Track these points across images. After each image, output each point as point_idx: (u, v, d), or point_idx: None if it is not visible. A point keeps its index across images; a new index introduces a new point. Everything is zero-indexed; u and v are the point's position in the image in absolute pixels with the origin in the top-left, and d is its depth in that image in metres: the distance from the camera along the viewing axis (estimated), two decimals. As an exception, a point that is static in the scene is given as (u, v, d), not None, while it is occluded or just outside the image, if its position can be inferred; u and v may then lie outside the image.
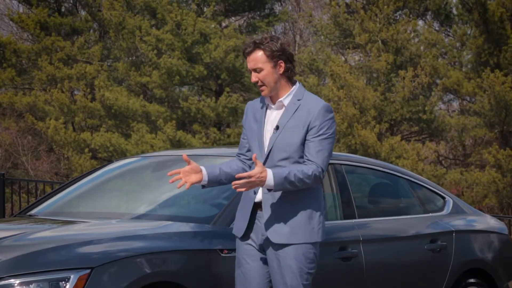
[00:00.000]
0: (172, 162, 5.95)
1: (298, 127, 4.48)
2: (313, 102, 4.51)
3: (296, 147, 4.48)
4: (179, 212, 5.28)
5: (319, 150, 4.46)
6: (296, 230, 4.49)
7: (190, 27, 21.31)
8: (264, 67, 4.48)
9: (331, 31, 22.44)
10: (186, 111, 21.66)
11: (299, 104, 4.52)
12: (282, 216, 4.50)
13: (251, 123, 4.62)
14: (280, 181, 4.39)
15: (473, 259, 6.23)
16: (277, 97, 4.55)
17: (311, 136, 4.47)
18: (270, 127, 4.54)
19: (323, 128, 4.46)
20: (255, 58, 4.47)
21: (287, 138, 4.48)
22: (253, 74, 4.50)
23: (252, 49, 4.49)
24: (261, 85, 4.50)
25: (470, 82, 20.58)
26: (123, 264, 4.46)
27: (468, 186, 19.32)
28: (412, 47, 20.81)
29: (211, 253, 4.79)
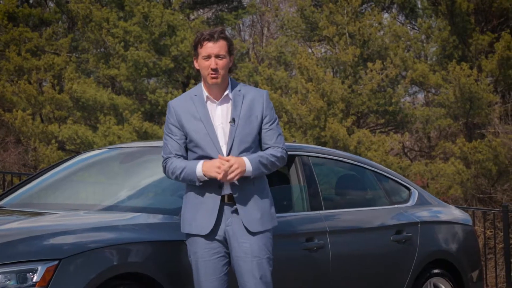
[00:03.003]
0: (140, 153, 5.95)
1: (252, 116, 4.61)
2: (254, 91, 4.69)
3: (254, 136, 4.62)
4: (147, 204, 5.29)
5: (278, 134, 4.67)
6: (266, 217, 4.66)
7: (157, 19, 21.25)
8: (226, 56, 4.60)
9: (298, 24, 22.49)
10: (154, 103, 21.62)
11: (242, 94, 4.64)
12: (253, 205, 4.62)
13: (192, 122, 4.60)
14: (256, 166, 4.55)
15: (437, 250, 6.29)
16: (221, 91, 4.62)
17: (267, 124, 4.65)
18: (220, 122, 4.60)
19: (274, 114, 4.68)
20: (222, 45, 4.58)
21: (244, 129, 4.59)
22: (214, 60, 4.56)
23: (218, 36, 4.59)
24: (217, 73, 4.56)
25: (435, 75, 20.73)
26: (91, 255, 4.47)
27: (433, 178, 19.48)
28: (378, 40, 20.92)
29: (179, 245, 4.80)
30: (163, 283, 4.70)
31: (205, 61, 4.59)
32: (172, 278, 4.75)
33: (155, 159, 5.79)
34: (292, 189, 5.65)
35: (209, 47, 4.57)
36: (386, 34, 21.44)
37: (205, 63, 4.59)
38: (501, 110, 21.31)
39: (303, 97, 20.19)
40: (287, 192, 5.67)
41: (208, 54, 4.58)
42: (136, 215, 4.99)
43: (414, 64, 20.90)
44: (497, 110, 21.15)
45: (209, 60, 4.58)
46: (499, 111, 21.23)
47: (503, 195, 19.62)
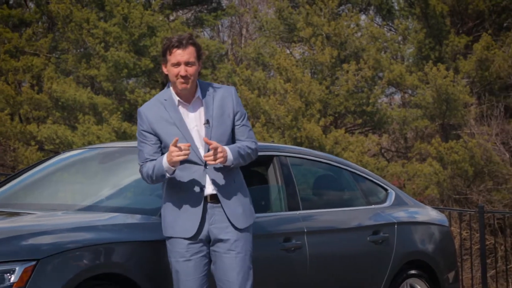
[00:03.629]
0: (119, 153, 5.96)
1: (224, 115, 4.67)
2: (222, 89, 4.75)
3: (228, 134, 4.69)
4: (125, 204, 5.28)
5: (249, 129, 4.75)
6: (248, 213, 4.74)
7: (137, 20, 21.22)
8: (195, 63, 4.62)
9: (276, 25, 22.54)
10: (133, 103, 21.58)
11: (211, 94, 4.68)
12: (237, 202, 4.69)
13: (166, 127, 4.61)
14: (236, 155, 4.61)
15: (414, 251, 6.32)
16: (191, 93, 4.64)
17: (239, 120, 4.72)
18: (194, 125, 4.63)
19: (243, 110, 4.76)
20: (190, 52, 4.59)
21: (219, 128, 4.64)
22: (183, 67, 4.57)
23: (187, 43, 4.58)
24: (186, 80, 4.57)
25: (412, 76, 20.85)
26: (69, 255, 4.46)
27: (410, 178, 19.58)
28: (355, 41, 21.00)
29: (158, 245, 4.80)
30: (142, 284, 4.70)
31: (174, 68, 4.60)
32: (150, 279, 4.75)
33: (134, 159, 5.80)
34: (270, 189, 5.66)
35: (178, 55, 4.57)
36: (364, 35, 21.53)
37: (174, 70, 4.60)
38: (477, 111, 21.45)
39: (281, 97, 20.24)
40: (265, 192, 5.68)
41: (177, 61, 4.58)
42: (115, 215, 4.99)
43: (391, 65, 21.00)
44: (473, 111, 21.29)
45: (178, 68, 4.59)
46: (475, 112, 21.37)
47: (479, 196, 19.75)
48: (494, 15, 22.14)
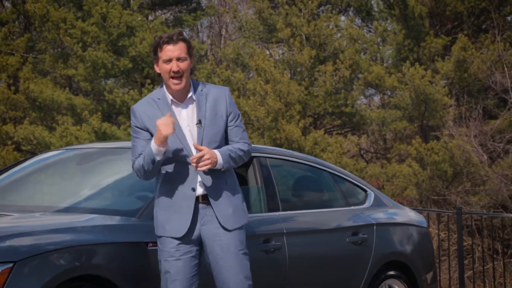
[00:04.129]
0: (98, 154, 5.93)
1: (217, 115, 4.64)
2: (216, 89, 4.72)
3: (222, 135, 4.66)
4: (104, 205, 5.26)
5: (243, 130, 4.73)
6: (239, 213, 4.71)
7: (116, 20, 21.14)
8: (186, 58, 4.58)
9: (256, 26, 22.54)
10: (111, 103, 21.51)
11: (204, 94, 4.64)
12: (227, 203, 4.67)
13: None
14: (226, 159, 4.59)
15: (393, 252, 6.34)
16: (184, 92, 4.60)
17: (232, 122, 4.69)
18: (186, 124, 4.60)
19: (237, 110, 4.74)
20: (181, 47, 4.55)
21: (211, 129, 4.62)
22: (175, 63, 4.53)
23: (177, 38, 4.56)
24: (179, 76, 4.54)
25: (391, 77, 20.92)
26: (47, 257, 4.43)
27: (389, 179, 19.64)
28: (334, 42, 21.05)
29: (137, 246, 4.79)
30: (121, 286, 4.68)
31: (166, 64, 4.57)
32: (130, 281, 4.73)
33: (113, 160, 5.77)
34: (249, 190, 5.66)
35: (169, 50, 4.54)
36: (343, 36, 21.58)
37: (166, 67, 4.57)
38: (455, 113, 21.56)
39: (261, 98, 20.24)
40: (244, 194, 5.65)
41: (169, 57, 4.55)
42: (94, 216, 4.97)
43: (370, 67, 21.07)
44: (452, 113, 21.40)
45: (170, 64, 4.56)
46: (453, 114, 21.48)
47: (457, 197, 19.85)
48: (472, 17, 22.27)
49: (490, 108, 22.12)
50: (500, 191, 19.61)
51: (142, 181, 5.47)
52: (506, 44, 21.55)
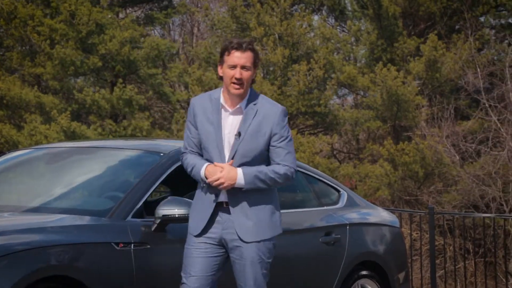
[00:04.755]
0: (67, 153, 5.86)
1: (260, 133, 4.66)
2: (270, 107, 4.71)
3: (258, 152, 4.68)
4: (74, 205, 5.21)
5: (287, 152, 4.70)
6: (263, 227, 4.73)
7: (85, 17, 20.98)
8: (251, 68, 4.66)
9: (228, 25, 22.48)
10: (81, 102, 21.34)
11: (256, 109, 4.68)
12: (249, 216, 4.70)
13: (204, 124, 4.69)
14: (250, 180, 4.63)
15: (366, 252, 6.33)
16: (237, 101, 4.68)
17: (276, 142, 4.69)
18: (229, 132, 4.68)
19: (285, 132, 4.69)
20: (248, 56, 4.63)
21: (249, 144, 4.66)
22: (239, 70, 4.61)
23: (247, 47, 4.64)
24: (240, 83, 4.62)
25: (364, 77, 20.96)
26: (16, 257, 4.37)
27: (361, 179, 19.69)
28: (307, 41, 21.05)
29: (107, 247, 4.75)
30: (91, 286, 4.63)
31: (230, 70, 4.64)
32: (100, 281, 4.69)
33: (83, 159, 5.70)
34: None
35: (236, 57, 4.63)
36: (316, 36, 21.59)
37: (230, 72, 4.64)
38: (428, 113, 21.66)
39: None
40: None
41: (234, 63, 4.63)
42: (64, 216, 4.93)
43: (343, 67, 21.09)
44: (424, 113, 21.49)
45: (234, 70, 4.63)
46: (425, 114, 21.58)
47: (429, 197, 19.95)
48: (445, 17, 22.39)
49: (462, 108, 22.25)
50: (472, 191, 19.74)
51: (112, 181, 5.39)
52: (479, 44, 21.69)
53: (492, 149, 20.88)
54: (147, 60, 21.99)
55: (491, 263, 15.55)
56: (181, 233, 5.07)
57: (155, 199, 5.68)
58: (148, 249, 4.92)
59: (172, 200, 5.00)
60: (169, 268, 4.99)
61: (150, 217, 5.01)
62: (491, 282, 12.91)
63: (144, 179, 5.18)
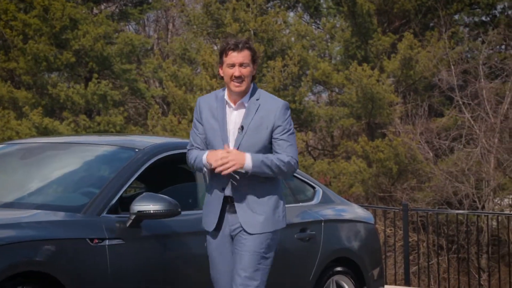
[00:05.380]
0: (41, 149, 5.81)
1: (262, 127, 4.87)
2: (272, 101, 4.93)
3: (261, 146, 4.88)
4: (48, 201, 5.17)
5: (290, 144, 4.90)
6: (267, 220, 4.90)
7: (58, 12, 20.85)
8: (249, 65, 4.90)
9: (204, 21, 22.43)
10: (55, 97, 21.21)
11: (258, 104, 4.91)
12: (253, 209, 4.87)
13: (210, 120, 4.91)
14: (257, 164, 4.80)
15: (340, 248, 6.33)
16: (239, 97, 4.90)
17: (278, 135, 4.89)
18: (233, 127, 4.89)
19: (287, 125, 4.90)
20: (245, 55, 4.87)
21: (252, 138, 4.86)
22: (238, 68, 4.85)
23: (243, 46, 4.89)
24: (241, 80, 4.86)
25: (338, 74, 21.00)
26: (-11, 253, 4.33)
27: (336, 176, 19.74)
28: (282, 38, 21.06)
29: (81, 243, 4.73)
30: (65, 282, 4.61)
31: (229, 69, 4.88)
32: (74, 277, 4.66)
33: (57, 155, 5.66)
34: (197, 186, 5.62)
35: (233, 57, 4.86)
36: (291, 32, 21.60)
37: (229, 71, 4.88)
38: (402, 110, 21.75)
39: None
40: (192, 190, 5.65)
41: (232, 62, 4.87)
42: (38, 212, 4.90)
43: (318, 63, 21.12)
44: (398, 110, 21.58)
45: (233, 69, 4.87)
46: (400, 111, 21.67)
47: (402, 193, 20.04)
48: (419, 15, 22.49)
49: (436, 106, 22.38)
50: (445, 188, 19.86)
51: (87, 177, 5.35)
52: (452, 42, 21.80)
53: (465, 146, 21.02)
54: (121, 56, 21.91)
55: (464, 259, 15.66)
56: (156, 229, 5.06)
57: (130, 195, 5.65)
58: (122, 245, 4.90)
59: (147, 196, 4.99)
60: (143, 264, 4.98)
61: (125, 213, 4.99)
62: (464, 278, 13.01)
63: (119, 175, 5.16)
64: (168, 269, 5.09)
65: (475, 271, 16.71)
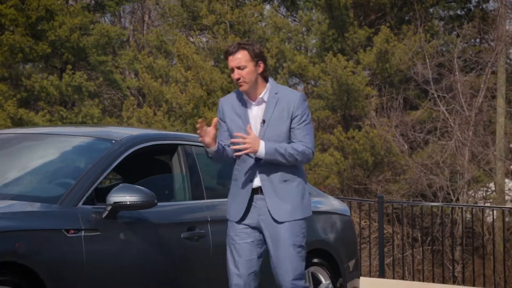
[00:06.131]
0: (17, 140, 5.79)
1: (282, 118, 5.08)
2: (290, 94, 5.15)
3: (283, 136, 5.09)
4: (24, 192, 5.14)
5: (305, 134, 5.10)
6: (295, 208, 5.10)
7: (34, 3, 20.71)
8: (247, 65, 5.07)
9: (179, 13, 22.37)
10: (29, 89, 21.08)
11: (277, 97, 5.12)
12: (281, 198, 5.06)
13: (234, 118, 5.13)
14: (271, 151, 5.00)
15: (316, 240, 6.34)
16: (256, 93, 5.11)
17: (296, 124, 5.09)
18: (255, 121, 5.11)
19: (304, 115, 5.10)
20: (239, 57, 5.07)
21: (274, 129, 5.07)
22: (236, 71, 5.07)
23: (236, 49, 5.08)
24: (242, 82, 5.07)
25: (315, 67, 21.03)
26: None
27: (311, 168, 19.79)
28: (259, 30, 21.05)
29: (57, 234, 4.71)
30: (42, 273, 4.59)
31: (232, 73, 5.15)
32: (50, 267, 4.65)
33: (33, 145, 5.63)
34: (174, 178, 5.62)
35: (230, 61, 5.11)
36: (268, 25, 21.60)
37: (232, 75, 5.14)
38: (377, 103, 21.83)
39: (183, 86, 20.12)
40: (169, 181, 5.64)
41: (231, 67, 5.12)
42: (13, 203, 4.87)
43: (294, 56, 21.14)
44: (374, 103, 21.66)
45: (233, 73, 5.11)
46: (375, 104, 21.74)
47: (377, 186, 20.12)
48: (395, 8, 22.56)
49: (411, 98, 22.48)
50: (420, 180, 19.97)
51: (63, 167, 5.34)
52: (428, 35, 21.90)
53: (440, 138, 21.15)
54: (97, 47, 21.81)
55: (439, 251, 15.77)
56: (132, 220, 5.06)
57: (106, 186, 5.64)
58: (98, 236, 4.89)
59: (124, 188, 4.98)
60: (119, 255, 4.98)
61: (101, 204, 4.98)
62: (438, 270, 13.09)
63: (95, 166, 5.14)
64: (144, 260, 5.09)
65: (449, 263, 16.84)
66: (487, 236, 17.67)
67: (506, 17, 22.25)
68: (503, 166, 21.20)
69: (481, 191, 22.26)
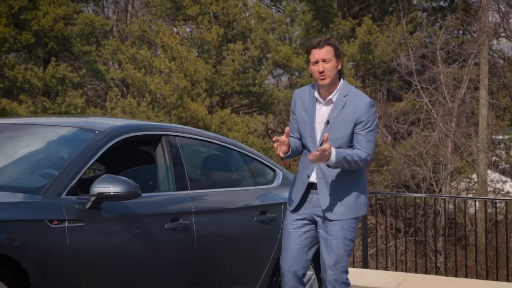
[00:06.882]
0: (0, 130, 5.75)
1: (346, 121, 5.22)
2: (359, 98, 5.28)
3: (345, 139, 5.24)
4: (7, 182, 5.11)
5: (368, 140, 5.26)
6: (348, 208, 5.28)
7: (17, -8, 20.57)
8: (331, 60, 5.23)
9: (163, 3, 22.30)
10: (12, 79, 20.97)
11: (345, 100, 5.26)
12: (335, 196, 5.25)
13: (302, 113, 5.33)
14: (340, 159, 5.15)
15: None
16: (330, 90, 5.26)
17: (359, 130, 5.24)
18: (321, 120, 5.27)
19: (369, 122, 5.25)
20: (327, 51, 5.23)
21: (336, 131, 5.22)
22: (321, 64, 5.21)
23: (324, 44, 5.24)
24: (325, 75, 5.21)
25: (299, 58, 21.03)
26: None
27: (295, 159, 19.82)
28: (243, 21, 21.02)
29: (40, 224, 4.69)
30: (24, 263, 4.58)
31: (314, 66, 5.26)
32: (33, 258, 4.64)
33: (14, 136, 5.61)
34: (158, 169, 5.62)
35: (316, 53, 5.25)
36: (251, 15, 21.57)
37: (314, 68, 5.27)
38: (360, 94, 21.84)
39: (167, 76, 20.07)
40: (153, 172, 5.64)
41: (316, 59, 5.25)
42: (-4, 193, 4.83)
43: (278, 47, 21.13)
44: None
45: (317, 65, 5.24)
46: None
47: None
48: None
49: (394, 90, 22.54)
50: (403, 171, 20.04)
51: (46, 158, 5.33)
52: (411, 27, 21.94)
53: (423, 130, 21.23)
54: (81, 37, 21.71)
55: (421, 242, 15.85)
56: (116, 211, 5.05)
57: (90, 177, 5.63)
58: (82, 227, 4.88)
59: (108, 178, 4.97)
60: (103, 246, 4.97)
61: (85, 195, 4.97)
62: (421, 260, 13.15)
63: (79, 156, 5.13)
64: (127, 251, 5.09)
65: (432, 254, 16.92)
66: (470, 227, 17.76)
67: (488, 8, 22.32)
68: (485, 157, 21.31)
69: (463, 182, 22.37)
